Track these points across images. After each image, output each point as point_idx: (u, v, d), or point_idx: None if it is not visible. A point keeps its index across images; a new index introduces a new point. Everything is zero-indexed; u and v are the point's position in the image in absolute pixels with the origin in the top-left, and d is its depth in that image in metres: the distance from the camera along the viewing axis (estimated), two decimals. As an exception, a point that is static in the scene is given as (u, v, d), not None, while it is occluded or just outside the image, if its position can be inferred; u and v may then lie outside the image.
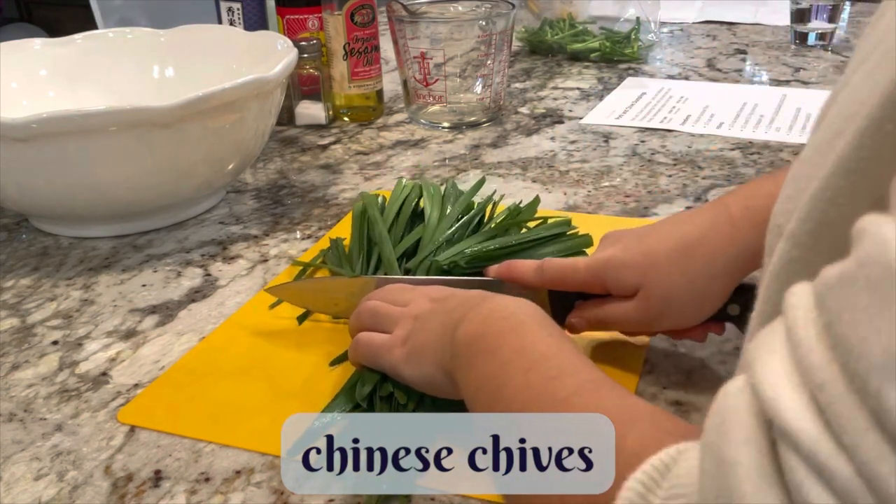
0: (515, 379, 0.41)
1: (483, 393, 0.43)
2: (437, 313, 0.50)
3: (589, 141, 0.99)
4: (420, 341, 0.50)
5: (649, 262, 0.52)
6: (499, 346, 0.43)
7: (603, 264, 0.54)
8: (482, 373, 0.43)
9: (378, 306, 0.54)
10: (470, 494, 0.46)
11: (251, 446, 0.50)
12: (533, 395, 0.39)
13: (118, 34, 0.96)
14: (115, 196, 0.74)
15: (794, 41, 1.39)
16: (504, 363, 0.42)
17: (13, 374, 0.59)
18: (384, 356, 0.51)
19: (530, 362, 0.41)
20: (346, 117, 1.09)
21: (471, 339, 0.45)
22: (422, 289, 0.55)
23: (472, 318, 0.46)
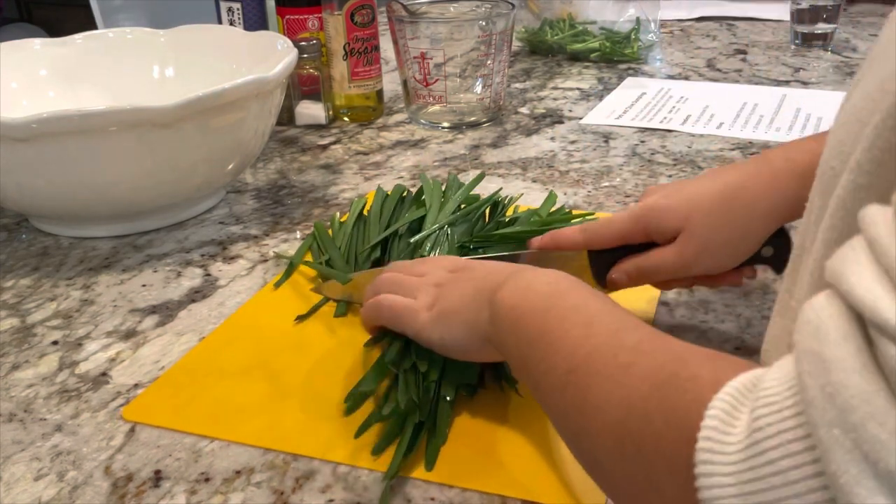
0: (575, 331, 0.41)
1: (537, 348, 0.43)
2: (462, 281, 0.52)
3: (589, 141, 0.99)
4: (448, 306, 0.51)
5: (691, 205, 0.55)
6: (551, 306, 0.44)
7: (645, 210, 0.56)
8: (534, 331, 0.43)
9: (397, 276, 0.56)
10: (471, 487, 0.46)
11: (253, 443, 0.50)
12: (598, 343, 0.39)
13: (118, 34, 0.96)
14: (115, 196, 0.74)
15: (794, 41, 1.39)
16: (560, 318, 0.42)
17: (13, 374, 0.59)
18: (409, 320, 0.52)
19: (588, 317, 0.42)
20: (346, 117, 1.09)
21: (515, 301, 0.46)
22: (433, 260, 0.57)
23: (512, 285, 0.47)
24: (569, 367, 0.40)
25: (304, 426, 0.52)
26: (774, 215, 0.54)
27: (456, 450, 0.49)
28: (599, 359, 0.38)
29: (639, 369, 0.36)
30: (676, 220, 0.55)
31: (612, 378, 0.37)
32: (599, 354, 0.39)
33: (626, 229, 0.57)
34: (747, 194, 0.54)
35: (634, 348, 0.38)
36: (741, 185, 0.54)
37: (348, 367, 0.58)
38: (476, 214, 0.71)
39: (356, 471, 0.48)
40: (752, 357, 0.57)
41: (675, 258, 0.55)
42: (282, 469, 0.49)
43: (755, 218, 0.54)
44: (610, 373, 0.37)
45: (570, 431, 0.40)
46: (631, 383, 0.36)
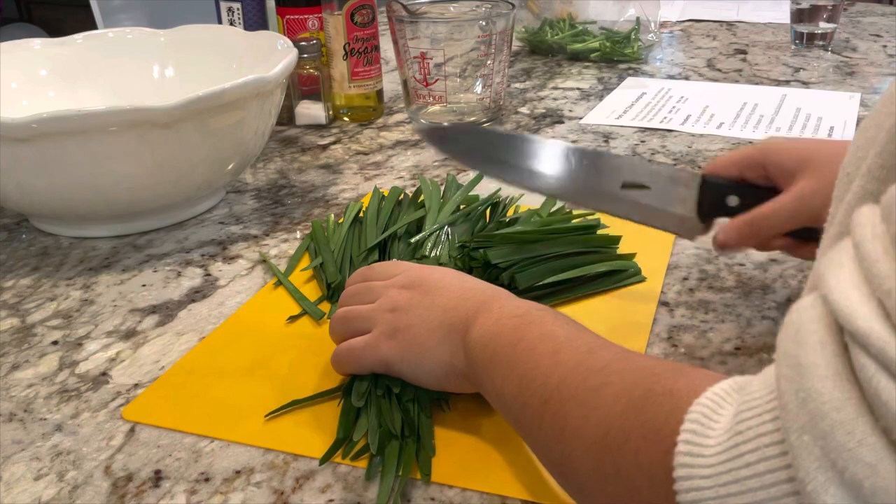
0: (544, 361, 0.41)
1: (510, 383, 0.43)
2: (423, 307, 0.50)
3: (589, 141, 0.99)
4: (416, 339, 0.50)
5: (818, 146, 0.51)
6: (519, 339, 0.44)
7: (770, 144, 0.53)
8: (505, 366, 0.43)
9: (346, 312, 0.54)
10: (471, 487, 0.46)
11: (253, 443, 0.50)
12: (567, 370, 0.39)
13: (118, 34, 0.96)
14: (115, 196, 0.74)
15: (794, 41, 1.39)
16: (529, 350, 0.42)
17: (13, 374, 0.59)
18: (369, 356, 0.51)
19: (556, 344, 0.42)
20: (346, 117, 1.09)
21: (487, 340, 0.46)
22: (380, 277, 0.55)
23: (482, 321, 0.47)
24: (543, 397, 0.40)
25: (304, 426, 0.52)
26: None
27: (455, 450, 0.49)
28: (571, 384, 0.38)
29: (611, 389, 0.36)
30: (800, 154, 0.51)
31: (586, 402, 0.37)
32: (571, 380, 0.39)
33: (746, 155, 0.54)
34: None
35: (604, 370, 0.38)
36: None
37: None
38: (476, 214, 0.71)
39: (356, 471, 0.48)
40: (752, 357, 0.57)
41: (791, 202, 0.51)
42: (282, 469, 0.49)
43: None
44: (583, 397, 0.37)
45: (553, 461, 0.40)
46: (605, 404, 0.36)
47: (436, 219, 0.70)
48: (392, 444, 0.48)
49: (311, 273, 0.70)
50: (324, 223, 0.76)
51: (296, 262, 0.72)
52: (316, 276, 0.69)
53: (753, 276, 0.68)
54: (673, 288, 0.66)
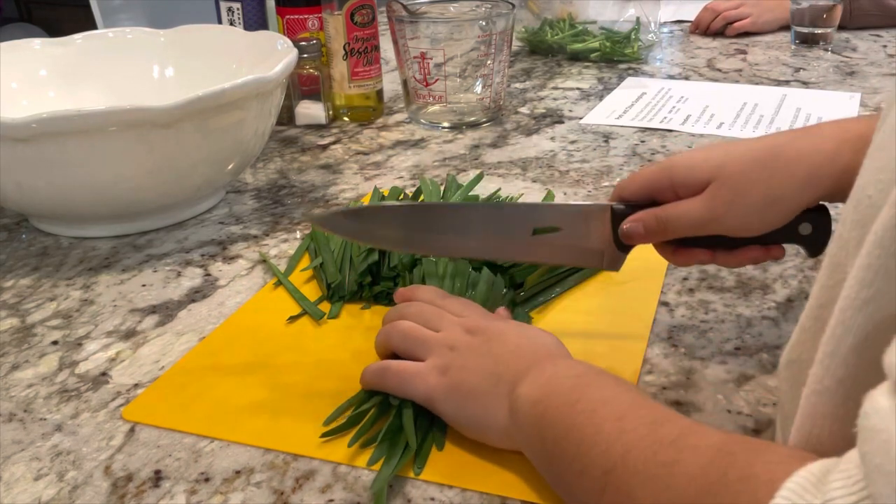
0: (608, 426, 0.39)
1: (566, 445, 0.40)
2: (479, 352, 0.49)
3: (589, 141, 0.99)
4: (464, 382, 0.48)
5: (726, 156, 0.50)
6: (577, 400, 0.42)
7: (673, 159, 0.53)
8: (560, 428, 0.41)
9: (411, 329, 0.53)
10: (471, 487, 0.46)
11: (253, 443, 0.50)
12: (634, 440, 0.37)
13: (118, 34, 0.96)
14: (115, 196, 0.74)
15: (794, 41, 1.39)
16: (589, 413, 0.40)
17: (13, 374, 0.59)
18: (418, 385, 0.50)
19: (619, 410, 0.39)
20: (346, 117, 1.09)
21: (538, 397, 0.44)
22: (452, 308, 0.54)
23: (535, 378, 0.45)
24: (605, 467, 0.37)
25: (304, 426, 0.52)
26: (815, 181, 0.49)
27: (456, 450, 0.49)
28: (639, 456, 0.36)
29: (683, 468, 0.34)
30: (707, 170, 0.50)
31: (655, 478, 0.35)
32: (639, 452, 0.36)
33: (652, 179, 0.53)
34: (789, 151, 0.49)
35: (674, 443, 0.36)
36: (784, 143, 0.50)
37: (348, 366, 0.58)
38: None
39: (356, 471, 0.48)
40: (752, 357, 0.57)
41: (701, 209, 0.50)
42: (282, 469, 0.49)
43: (794, 179, 0.49)
44: (652, 472, 0.35)
45: None
46: (677, 484, 0.34)
47: None
48: (399, 435, 0.49)
49: (311, 273, 0.70)
50: None
51: (296, 262, 0.72)
52: (316, 277, 0.69)
53: (753, 276, 0.68)
54: (673, 288, 0.66)
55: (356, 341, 0.61)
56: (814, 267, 0.68)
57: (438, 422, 0.50)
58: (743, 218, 0.51)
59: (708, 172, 0.50)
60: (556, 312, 0.64)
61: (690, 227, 0.53)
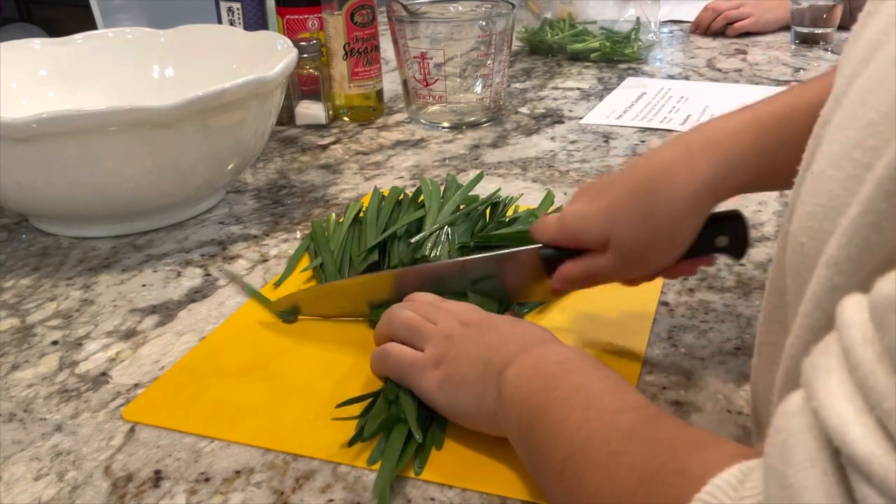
0: (575, 414, 0.40)
1: (538, 430, 0.42)
2: (472, 342, 0.50)
3: (589, 141, 0.99)
4: (457, 371, 0.50)
5: (613, 211, 0.53)
6: (553, 386, 0.43)
7: (569, 220, 0.55)
8: (536, 412, 0.43)
9: (412, 319, 0.54)
10: (471, 487, 0.46)
11: (253, 443, 0.50)
12: (594, 428, 0.39)
13: (118, 34, 0.96)
14: (115, 196, 0.74)
15: (794, 41, 1.39)
16: (562, 400, 0.42)
17: (13, 374, 0.59)
18: (415, 376, 0.51)
19: (589, 399, 0.41)
20: (346, 117, 1.09)
21: (521, 381, 0.45)
22: (449, 307, 0.55)
23: (522, 362, 0.46)
24: (566, 452, 0.39)
25: (304, 426, 0.52)
26: (698, 204, 0.51)
27: (456, 450, 0.49)
28: (595, 445, 0.38)
29: (629, 458, 0.36)
30: (600, 228, 0.53)
31: (604, 467, 0.37)
32: (596, 440, 0.38)
33: (556, 238, 0.56)
34: (665, 188, 0.51)
35: (628, 434, 0.37)
36: (660, 178, 0.51)
37: (348, 366, 0.58)
38: (476, 214, 0.71)
39: (356, 471, 0.48)
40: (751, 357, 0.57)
41: (611, 266, 0.53)
42: (282, 469, 0.49)
43: (679, 213, 0.51)
44: (603, 461, 0.37)
45: None
46: (620, 474, 0.35)
47: (436, 219, 0.70)
48: (399, 427, 0.49)
49: (311, 273, 0.70)
50: (324, 223, 0.76)
51: (296, 262, 0.72)
52: (316, 277, 0.69)
53: (753, 276, 0.68)
54: (673, 288, 0.66)
55: (356, 341, 0.61)
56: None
57: (438, 420, 0.51)
58: (650, 263, 0.54)
59: (602, 231, 0.53)
60: (556, 313, 0.64)
61: (609, 280, 0.56)
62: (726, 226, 0.54)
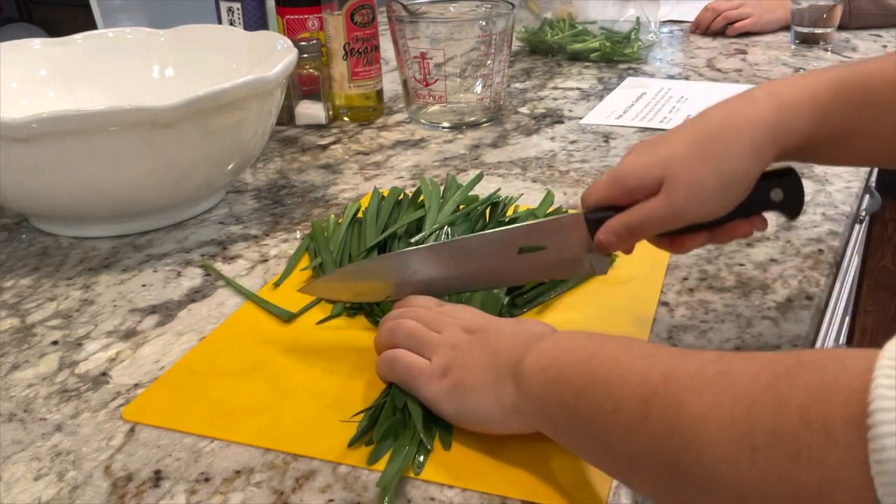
0: (636, 364, 0.39)
1: (590, 394, 0.40)
2: (478, 348, 0.50)
3: (589, 141, 0.99)
4: (465, 378, 0.49)
5: (668, 153, 0.52)
6: (592, 354, 0.42)
7: (621, 170, 0.54)
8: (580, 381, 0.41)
9: (416, 329, 0.54)
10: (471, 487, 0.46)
11: (253, 444, 0.50)
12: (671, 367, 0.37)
13: (118, 34, 0.96)
14: (115, 196, 0.74)
15: (794, 41, 1.39)
16: (611, 359, 0.40)
17: (13, 374, 0.59)
18: (422, 385, 0.51)
19: (643, 351, 0.40)
20: (346, 117, 1.09)
21: (546, 363, 0.44)
22: (451, 312, 0.55)
23: (538, 348, 0.46)
24: (645, 395, 0.37)
25: (304, 426, 0.52)
26: (761, 150, 0.50)
27: (456, 450, 0.49)
28: (683, 375, 0.36)
29: (743, 370, 0.34)
30: (655, 170, 0.52)
31: (711, 384, 0.35)
32: (681, 373, 0.36)
33: (607, 194, 0.54)
34: (729, 131, 0.51)
35: (720, 358, 0.36)
36: (721, 123, 0.51)
37: (348, 366, 0.58)
38: (476, 214, 0.71)
39: (356, 471, 0.48)
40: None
41: (663, 208, 0.52)
42: (282, 469, 0.49)
43: (740, 156, 0.50)
44: (705, 382, 0.35)
45: (663, 461, 0.36)
46: (742, 381, 0.34)
47: (436, 219, 0.70)
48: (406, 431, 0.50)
49: (310, 273, 0.70)
50: (324, 223, 0.76)
51: (295, 262, 0.72)
52: (315, 277, 0.69)
53: (753, 276, 0.68)
54: (673, 288, 0.66)
55: (356, 341, 0.61)
56: (814, 267, 0.68)
57: (443, 423, 0.51)
58: (704, 206, 0.52)
59: (656, 174, 0.52)
60: (557, 312, 0.64)
61: (658, 227, 0.54)
62: (782, 181, 0.53)
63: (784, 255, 0.70)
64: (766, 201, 0.53)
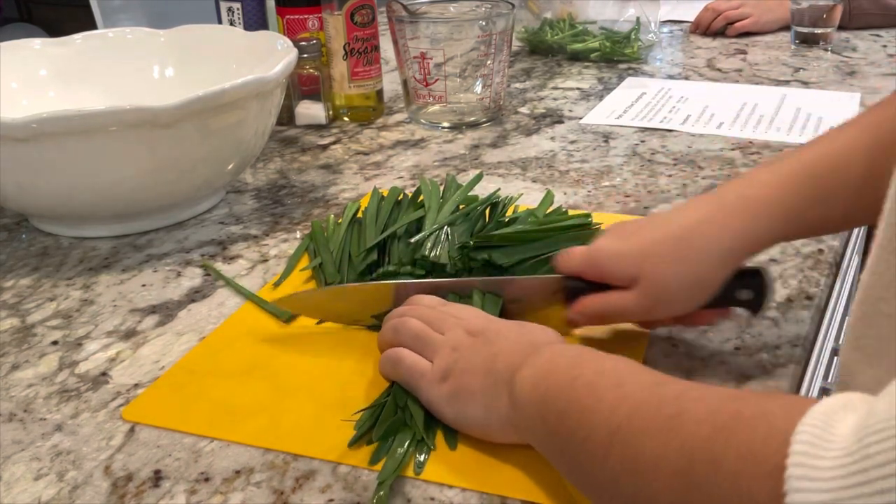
0: (609, 394, 0.40)
1: (569, 419, 0.41)
2: (479, 353, 0.50)
3: (589, 141, 0.99)
4: (465, 384, 0.49)
5: (645, 252, 0.53)
6: (575, 376, 0.43)
7: (600, 253, 0.55)
8: (562, 403, 0.42)
9: (420, 329, 0.54)
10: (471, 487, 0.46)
11: (253, 444, 0.50)
12: (637, 402, 0.38)
13: (118, 34, 0.96)
14: (115, 196, 0.74)
15: (794, 41, 1.39)
16: (588, 385, 0.41)
17: (13, 374, 0.59)
18: (423, 388, 0.51)
19: (618, 378, 0.41)
20: (346, 117, 1.09)
21: (537, 379, 0.45)
22: (454, 312, 0.55)
23: (533, 362, 0.46)
24: (610, 428, 0.38)
25: (304, 426, 0.52)
26: (729, 258, 0.53)
27: (456, 450, 0.49)
28: (644, 414, 0.37)
29: (692, 416, 0.35)
30: (630, 266, 0.53)
31: (663, 430, 0.35)
32: (644, 410, 0.37)
33: (582, 270, 0.56)
34: (700, 239, 0.53)
35: (678, 398, 0.37)
36: (693, 229, 0.53)
37: (349, 366, 0.58)
38: (475, 214, 0.71)
39: (356, 471, 0.48)
40: (752, 357, 0.57)
41: (635, 305, 0.54)
42: (282, 469, 0.49)
43: (710, 264, 0.53)
44: (659, 425, 0.36)
45: (621, 497, 0.38)
46: (687, 430, 0.34)
47: (435, 219, 0.70)
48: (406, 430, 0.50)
49: (310, 273, 0.70)
50: (323, 223, 0.76)
51: (295, 262, 0.72)
52: (315, 277, 0.69)
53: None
54: (673, 288, 0.66)
55: (355, 341, 0.61)
56: (814, 267, 0.68)
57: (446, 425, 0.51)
58: (672, 305, 0.54)
59: (632, 271, 0.53)
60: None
61: (629, 319, 0.57)
62: (750, 281, 0.55)
63: (784, 255, 0.70)
64: (732, 299, 0.56)
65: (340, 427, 0.51)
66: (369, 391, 0.55)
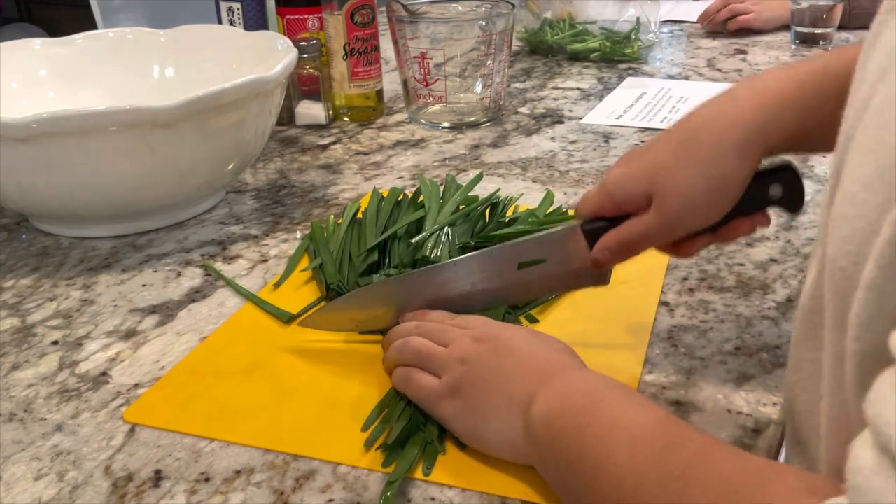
0: (618, 454, 0.39)
1: (579, 471, 0.41)
2: (489, 367, 0.49)
3: (589, 141, 0.99)
4: (475, 401, 0.48)
5: (654, 164, 0.51)
6: (587, 424, 0.42)
7: (609, 184, 0.53)
8: (573, 451, 0.41)
9: (422, 347, 0.53)
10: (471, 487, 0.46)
11: (253, 444, 0.50)
12: (644, 473, 0.38)
13: (118, 34, 0.96)
14: (115, 196, 0.74)
15: (794, 41, 1.39)
16: (599, 437, 0.40)
17: (13, 374, 0.59)
18: (433, 405, 0.50)
19: (631, 436, 0.40)
20: (346, 117, 1.09)
21: (551, 418, 0.44)
22: (460, 322, 0.54)
23: (546, 396, 0.45)
24: (617, 499, 0.38)
25: (304, 426, 0.52)
26: (747, 152, 0.49)
27: (456, 450, 0.49)
28: (650, 490, 0.37)
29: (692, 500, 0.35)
30: (641, 184, 0.50)
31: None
32: (649, 485, 0.37)
33: (598, 207, 0.54)
34: (710, 135, 0.49)
35: (682, 477, 0.36)
36: (702, 125, 0.50)
37: (348, 366, 0.58)
38: (476, 215, 0.71)
39: (356, 471, 0.48)
40: (752, 357, 0.57)
41: (656, 224, 0.51)
42: (282, 469, 0.49)
43: (723, 158, 0.48)
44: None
45: None
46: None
47: (436, 219, 0.70)
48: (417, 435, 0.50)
49: (310, 273, 0.70)
50: (323, 224, 0.76)
51: (295, 263, 0.72)
52: (315, 277, 0.69)
53: (753, 276, 0.68)
54: (673, 288, 0.66)
55: (356, 341, 0.61)
56: (814, 267, 0.68)
57: None
58: (697, 215, 0.51)
59: (643, 187, 0.51)
60: (557, 312, 0.64)
61: (654, 241, 0.53)
62: (779, 176, 0.52)
63: (784, 255, 0.70)
64: (765, 199, 0.52)
65: (341, 427, 0.51)
66: (369, 391, 0.55)
